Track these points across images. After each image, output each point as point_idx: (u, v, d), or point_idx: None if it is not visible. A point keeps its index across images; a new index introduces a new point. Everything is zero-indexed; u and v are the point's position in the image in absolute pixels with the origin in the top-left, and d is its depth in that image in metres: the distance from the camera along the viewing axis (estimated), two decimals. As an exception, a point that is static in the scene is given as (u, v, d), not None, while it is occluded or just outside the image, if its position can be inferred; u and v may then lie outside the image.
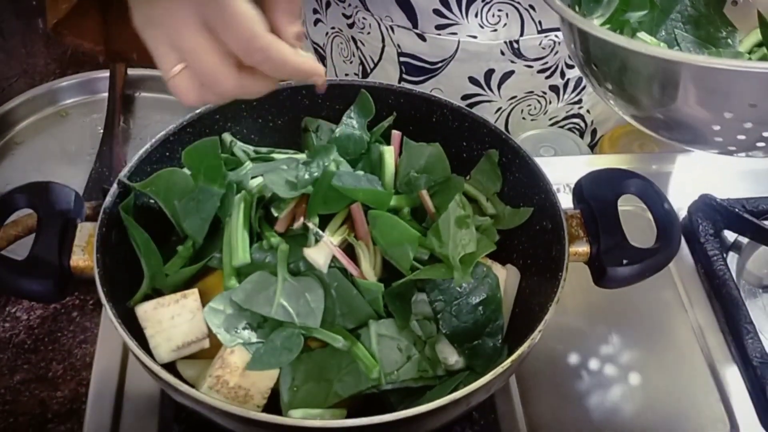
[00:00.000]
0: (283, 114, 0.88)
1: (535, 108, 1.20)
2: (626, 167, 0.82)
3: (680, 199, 1.01)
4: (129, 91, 1.33)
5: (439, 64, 1.13)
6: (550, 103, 1.21)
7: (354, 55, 1.20)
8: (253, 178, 0.79)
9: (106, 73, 1.30)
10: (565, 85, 1.19)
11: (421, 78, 1.16)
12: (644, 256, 0.75)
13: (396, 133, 0.84)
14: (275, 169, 0.80)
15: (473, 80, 1.15)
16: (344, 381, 0.70)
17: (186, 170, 0.79)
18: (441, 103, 0.86)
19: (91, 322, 0.95)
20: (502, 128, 0.86)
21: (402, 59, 1.15)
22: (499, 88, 1.16)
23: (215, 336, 0.70)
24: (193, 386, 0.65)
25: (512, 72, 1.14)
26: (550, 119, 1.24)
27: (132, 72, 1.32)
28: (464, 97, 1.18)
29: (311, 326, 0.70)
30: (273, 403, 0.71)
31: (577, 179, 0.82)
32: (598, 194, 0.79)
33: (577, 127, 1.26)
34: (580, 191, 0.81)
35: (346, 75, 1.24)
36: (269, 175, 0.76)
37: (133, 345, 0.66)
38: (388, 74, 1.17)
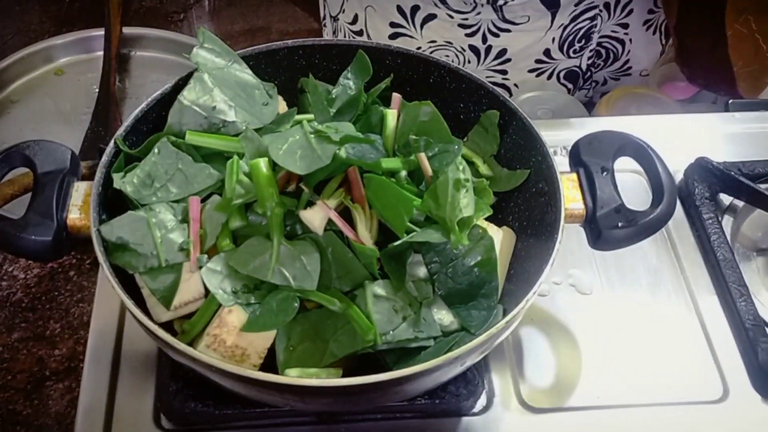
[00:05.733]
0: (280, 74, 0.87)
1: (453, 61, 1.21)
2: (623, 130, 0.82)
3: (676, 162, 1.01)
4: (124, 50, 1.32)
5: None
6: (469, 62, 1.22)
7: None
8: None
9: (102, 32, 1.29)
10: (487, 51, 1.20)
11: None
12: (639, 219, 0.76)
13: (396, 96, 0.84)
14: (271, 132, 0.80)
15: (401, 10, 1.17)
16: (340, 341, 0.71)
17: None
18: (438, 64, 0.85)
19: (88, 281, 0.95)
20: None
21: None
22: (421, 27, 1.18)
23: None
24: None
25: (435, 16, 1.16)
26: None
27: (127, 30, 1.31)
28: (392, 25, 1.20)
29: (308, 289, 0.70)
30: (269, 363, 0.72)
31: (574, 141, 0.82)
32: (595, 157, 0.79)
33: None
34: (576, 153, 0.81)
35: None
36: (268, 137, 0.76)
37: (130, 304, 0.66)
38: None
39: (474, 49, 1.19)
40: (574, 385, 0.85)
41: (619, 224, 0.76)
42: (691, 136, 1.10)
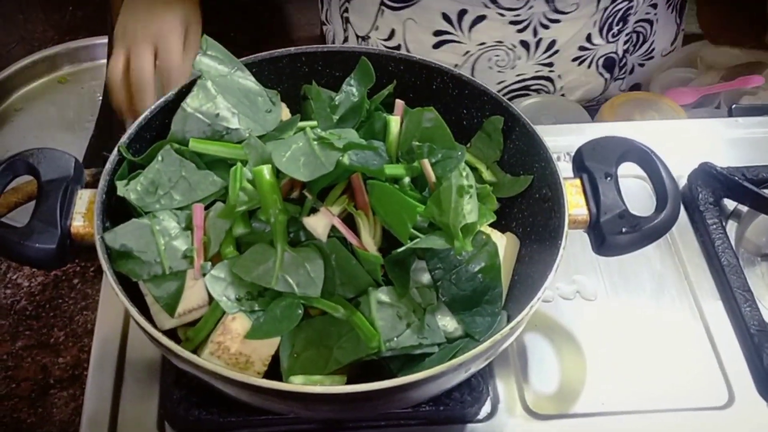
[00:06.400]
0: (283, 81, 0.87)
1: (503, 60, 1.21)
2: (626, 135, 0.82)
3: (680, 167, 1.01)
4: (128, 57, 1.32)
5: None
6: (519, 58, 1.22)
7: None
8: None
9: (105, 40, 1.29)
10: (537, 44, 1.20)
11: (399, 5, 1.19)
12: (643, 224, 0.75)
13: (399, 102, 0.84)
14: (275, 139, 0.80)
15: (446, 17, 1.17)
16: (344, 348, 0.71)
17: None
18: (441, 71, 0.85)
19: (92, 288, 0.95)
20: (468, 74, 0.88)
21: None
22: (470, 30, 1.17)
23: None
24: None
25: (484, 17, 1.16)
26: (518, 75, 1.24)
27: (131, 38, 1.31)
28: (436, 33, 1.19)
29: (312, 296, 0.70)
30: (273, 370, 0.71)
31: (577, 147, 0.82)
32: (598, 162, 0.79)
33: (545, 89, 1.27)
34: (580, 159, 0.80)
35: None
36: (271, 143, 0.76)
37: (134, 311, 0.66)
38: None
39: (524, 44, 1.19)
40: (578, 392, 0.85)
41: (623, 230, 0.76)
42: (694, 141, 1.10)
